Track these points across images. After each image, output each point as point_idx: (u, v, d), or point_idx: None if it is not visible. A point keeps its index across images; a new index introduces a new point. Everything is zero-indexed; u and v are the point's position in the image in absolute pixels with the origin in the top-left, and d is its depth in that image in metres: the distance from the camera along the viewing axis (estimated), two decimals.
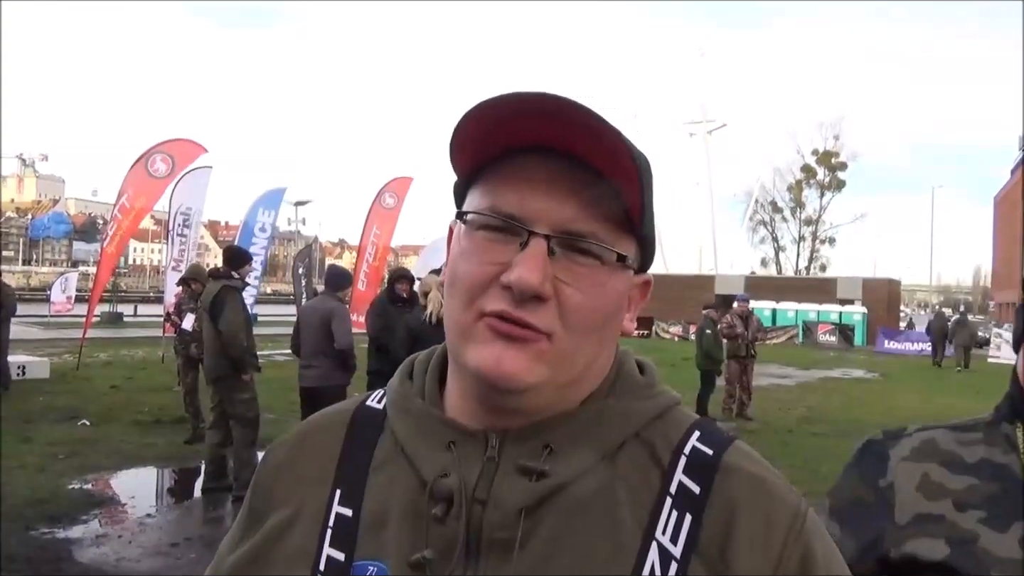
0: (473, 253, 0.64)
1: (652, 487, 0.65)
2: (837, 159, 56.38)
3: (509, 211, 0.63)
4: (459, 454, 0.65)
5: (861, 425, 10.38)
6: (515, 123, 0.61)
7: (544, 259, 0.61)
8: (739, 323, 10.81)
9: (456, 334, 0.65)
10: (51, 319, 23.29)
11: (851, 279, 34.83)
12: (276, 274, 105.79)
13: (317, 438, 0.75)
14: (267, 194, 17.70)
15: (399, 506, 0.66)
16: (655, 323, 30.35)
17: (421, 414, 0.70)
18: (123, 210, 13.92)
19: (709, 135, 51.75)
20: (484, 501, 0.63)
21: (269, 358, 15.24)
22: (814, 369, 19.02)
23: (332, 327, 6.05)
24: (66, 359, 14.25)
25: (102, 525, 5.32)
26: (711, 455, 0.67)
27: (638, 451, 0.67)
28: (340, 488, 0.69)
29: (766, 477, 0.67)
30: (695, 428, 0.70)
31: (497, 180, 0.65)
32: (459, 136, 0.64)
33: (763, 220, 58.68)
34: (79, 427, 8.35)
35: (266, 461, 0.77)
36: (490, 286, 0.62)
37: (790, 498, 0.66)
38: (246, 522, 0.74)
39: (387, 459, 0.70)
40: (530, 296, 0.60)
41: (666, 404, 0.71)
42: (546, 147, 0.63)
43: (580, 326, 0.63)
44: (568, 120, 0.60)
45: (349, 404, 0.78)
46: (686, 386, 11.88)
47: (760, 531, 0.63)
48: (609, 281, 0.64)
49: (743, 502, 0.64)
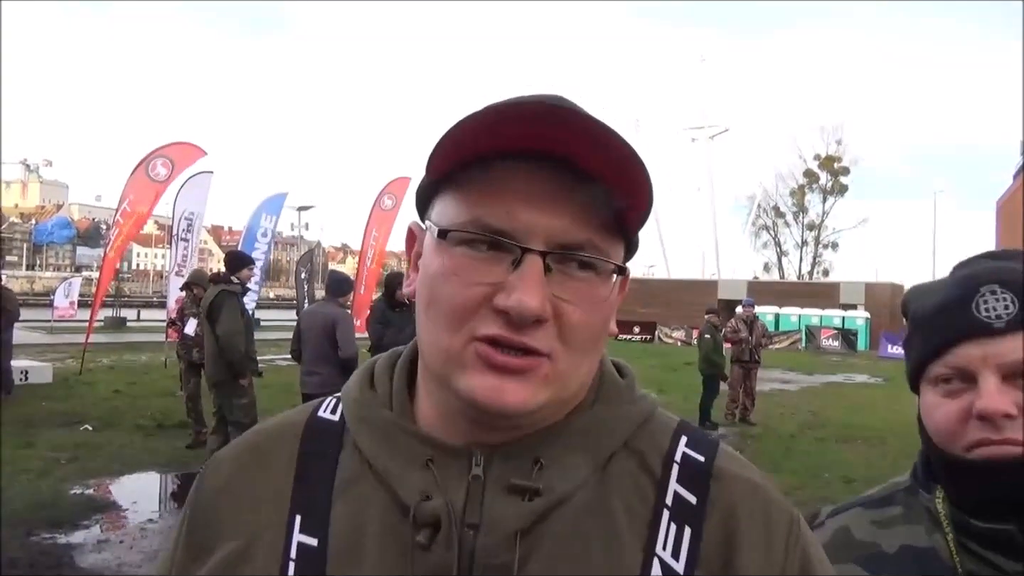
0: (457, 273, 0.58)
1: (647, 499, 0.63)
2: (839, 164, 56.35)
3: (499, 226, 0.57)
4: (440, 473, 0.60)
5: (865, 431, 10.36)
6: (510, 128, 0.57)
7: (542, 279, 0.56)
8: (743, 328, 10.79)
9: (441, 359, 0.59)
10: (55, 324, 23.32)
11: (854, 284, 34.76)
12: (279, 279, 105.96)
13: (264, 455, 0.67)
14: (269, 199, 17.77)
15: (375, 533, 0.60)
16: (657, 328, 30.28)
17: (390, 427, 0.64)
18: (124, 215, 13.97)
19: (711, 140, 51.80)
20: (476, 525, 0.58)
21: (271, 362, 15.23)
22: (817, 374, 18.96)
23: (336, 335, 6.04)
24: (69, 364, 14.26)
25: (103, 530, 5.31)
26: (703, 462, 0.65)
27: (628, 461, 0.64)
28: (300, 513, 0.62)
29: (760, 483, 0.66)
30: (681, 432, 0.68)
31: (477, 190, 0.59)
32: (450, 139, 0.58)
33: (766, 225, 58.64)
34: (81, 432, 8.34)
35: (205, 483, 0.68)
36: (480, 309, 0.57)
37: (784, 504, 0.66)
38: (184, 554, 0.65)
39: (353, 479, 0.63)
40: (531, 321, 0.56)
41: (650, 408, 0.68)
42: (532, 154, 0.58)
43: (580, 342, 0.59)
44: (572, 125, 0.56)
45: (297, 415, 0.70)
46: (689, 390, 11.87)
47: (762, 537, 0.62)
48: (608, 295, 0.61)
49: (742, 509, 0.63)
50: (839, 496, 7.02)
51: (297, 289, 20.40)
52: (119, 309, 26.17)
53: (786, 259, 58.90)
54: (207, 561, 0.63)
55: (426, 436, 0.62)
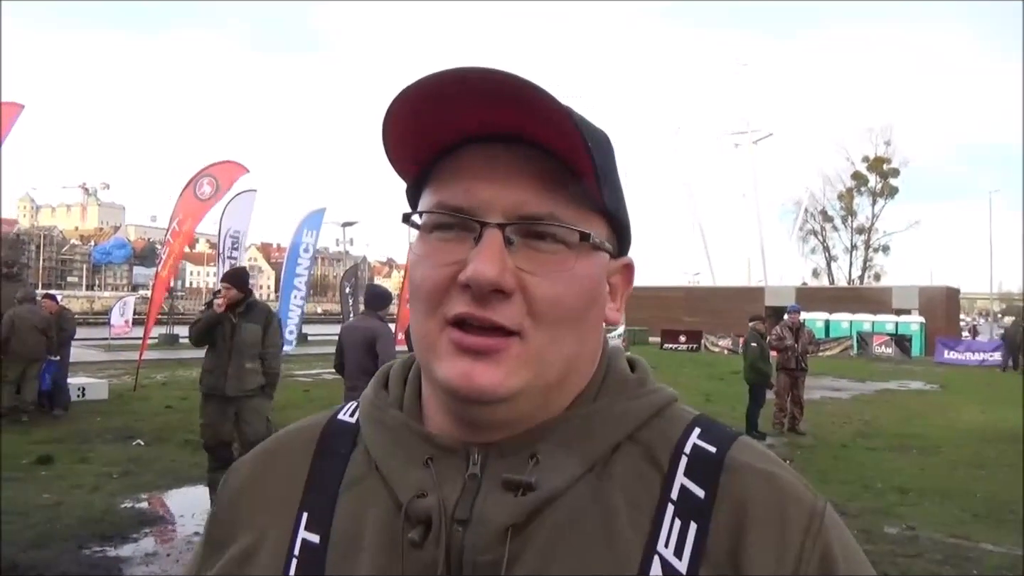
0: (427, 257, 0.59)
1: (651, 493, 0.59)
2: (889, 165, 55.00)
3: (456, 204, 0.58)
4: (438, 471, 0.60)
5: (920, 439, 10.03)
6: (441, 112, 0.57)
7: (500, 249, 0.56)
8: (789, 335, 10.55)
9: (423, 348, 0.60)
10: (112, 342, 24.06)
11: (907, 288, 33.80)
12: (326, 294, 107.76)
13: (282, 457, 0.69)
14: (310, 215, 18.12)
15: (373, 530, 0.60)
16: (704, 336, 29.85)
17: (398, 427, 0.64)
18: (174, 234, 14.38)
19: (754, 145, 51.04)
20: (465, 521, 0.57)
21: (318, 376, 15.46)
22: (870, 381, 18.45)
23: (377, 347, 6.09)
24: (124, 380, 14.67)
25: (152, 544, 5.43)
26: (714, 453, 0.61)
27: (633, 454, 0.61)
28: (306, 511, 0.63)
29: (777, 473, 0.61)
30: (695, 424, 0.64)
31: (442, 176, 0.60)
32: (396, 135, 0.59)
33: (813, 230, 57.53)
34: (133, 447, 8.56)
35: (227, 484, 0.70)
36: (449, 289, 0.58)
37: (805, 495, 0.60)
38: (204, 551, 0.68)
39: (360, 477, 0.64)
40: (489, 291, 0.55)
41: (662, 401, 0.65)
42: (487, 133, 0.58)
43: (552, 317, 0.58)
44: (492, 94, 0.55)
45: (318, 419, 0.72)
46: (736, 400, 11.64)
47: (774, 533, 0.57)
48: (577, 265, 0.59)
49: (754, 502, 0.58)
50: (893, 508, 6.78)
51: (342, 304, 20.69)
52: (172, 326, 26.87)
53: (835, 264, 57.68)
54: (222, 556, 0.64)
55: (428, 435, 0.62)
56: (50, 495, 6.28)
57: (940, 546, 5.51)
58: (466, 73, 0.54)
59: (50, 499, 6.15)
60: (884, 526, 5.95)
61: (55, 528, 5.42)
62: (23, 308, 9.99)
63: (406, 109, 0.57)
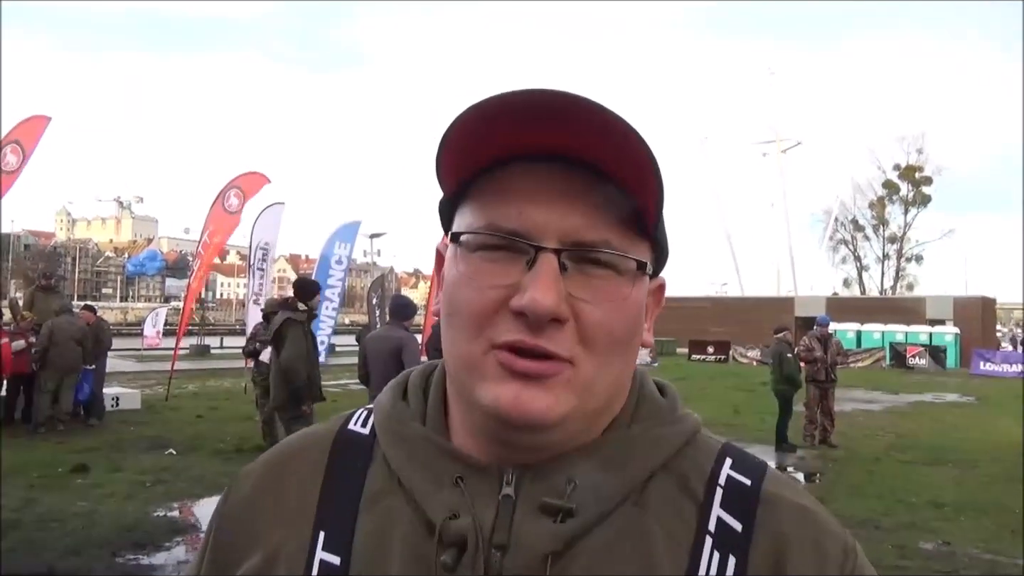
0: (473, 278, 0.57)
1: (688, 524, 0.59)
2: (921, 173, 54.10)
3: (511, 227, 0.56)
4: (470, 491, 0.58)
5: (956, 452, 9.81)
6: (509, 127, 0.55)
7: (557, 277, 0.54)
8: (817, 346, 10.41)
9: (463, 369, 0.58)
10: (145, 352, 24.47)
11: (941, 298, 33.17)
12: (354, 305, 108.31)
13: (292, 467, 0.66)
14: (343, 227, 18.25)
15: (399, 551, 0.58)
16: (732, 347, 29.54)
17: (421, 442, 0.62)
18: (204, 246, 14.65)
19: (783, 154, 50.61)
20: (503, 546, 0.55)
21: (345, 387, 15.56)
22: (903, 393, 18.08)
23: (403, 357, 6.13)
24: (157, 390, 14.90)
25: (184, 552, 5.50)
26: (749, 485, 0.61)
27: (668, 483, 0.61)
28: (324, 529, 0.60)
29: (812, 508, 0.62)
30: (726, 454, 0.64)
31: (489, 194, 0.58)
32: (450, 145, 0.57)
33: (844, 239, 56.68)
34: (166, 456, 8.68)
35: (232, 494, 0.67)
36: (498, 313, 0.55)
37: (839, 530, 0.61)
38: (209, 557, 0.65)
39: (380, 493, 0.61)
40: (547, 321, 0.54)
41: (692, 429, 0.65)
42: (540, 153, 0.56)
43: (603, 346, 0.56)
44: (582, 121, 0.54)
45: (327, 427, 0.69)
46: (765, 411, 11.51)
47: (813, 567, 0.58)
48: (630, 293, 0.58)
49: (792, 537, 0.59)
50: (928, 523, 6.63)
51: (369, 314, 20.83)
52: (203, 337, 27.29)
53: (866, 274, 56.76)
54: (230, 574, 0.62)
55: (457, 452, 0.60)
56: (85, 503, 6.40)
57: (977, 562, 5.40)
58: (514, 96, 0.54)
59: (85, 507, 6.27)
60: (919, 541, 5.83)
61: (90, 536, 5.52)
62: (61, 319, 10.20)
63: (468, 128, 0.56)
